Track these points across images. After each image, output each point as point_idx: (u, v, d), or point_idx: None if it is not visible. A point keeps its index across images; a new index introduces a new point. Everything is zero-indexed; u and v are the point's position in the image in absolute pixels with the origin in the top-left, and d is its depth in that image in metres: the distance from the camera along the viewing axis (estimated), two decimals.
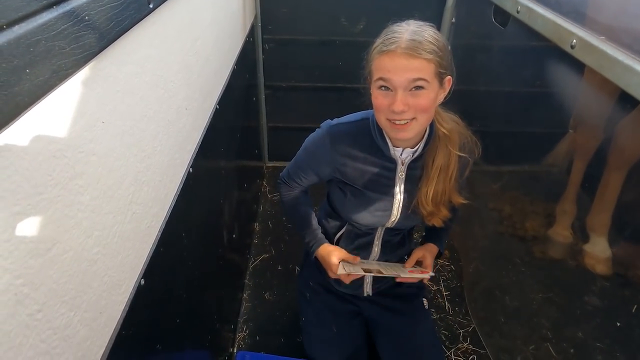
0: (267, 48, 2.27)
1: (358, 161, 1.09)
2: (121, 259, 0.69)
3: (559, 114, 1.30)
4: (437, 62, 0.91)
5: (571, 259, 1.36)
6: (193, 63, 1.10)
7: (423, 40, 0.90)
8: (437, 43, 0.92)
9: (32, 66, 0.44)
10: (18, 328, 0.45)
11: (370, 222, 1.17)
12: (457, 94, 2.09)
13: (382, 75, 0.93)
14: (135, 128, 0.74)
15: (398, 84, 0.91)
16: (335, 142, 1.08)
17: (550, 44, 1.16)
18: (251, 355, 1.23)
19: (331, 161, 1.10)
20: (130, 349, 0.71)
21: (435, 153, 1.06)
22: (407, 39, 0.90)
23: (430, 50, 0.90)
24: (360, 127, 1.09)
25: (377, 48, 0.95)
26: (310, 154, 1.15)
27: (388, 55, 0.91)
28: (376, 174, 1.09)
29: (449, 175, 1.08)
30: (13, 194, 0.45)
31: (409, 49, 0.89)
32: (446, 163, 1.07)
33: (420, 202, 1.10)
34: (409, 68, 0.89)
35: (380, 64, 0.93)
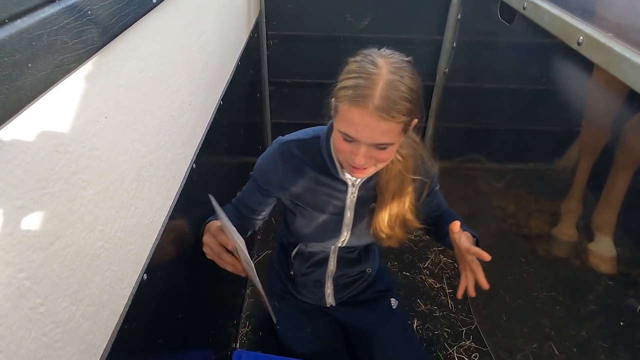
0: (271, 44, 2.27)
1: (309, 180, 1.06)
2: (124, 254, 0.69)
3: (565, 112, 1.29)
4: (406, 121, 0.86)
5: (575, 258, 1.35)
6: (197, 58, 1.10)
7: (397, 98, 0.82)
8: (412, 96, 0.85)
9: (34, 60, 0.44)
10: (20, 321, 0.46)
11: (320, 241, 1.17)
12: (463, 91, 2.09)
13: (347, 131, 0.87)
14: (138, 123, 0.74)
15: (363, 142, 0.87)
16: (285, 159, 1.05)
17: (556, 41, 1.15)
18: (247, 355, 1.23)
19: (281, 180, 1.07)
20: (133, 343, 0.72)
21: (389, 177, 1.04)
22: (380, 96, 0.82)
23: (404, 110, 0.83)
24: (311, 145, 1.05)
25: (347, 94, 0.85)
26: (261, 172, 1.11)
27: (357, 110, 0.83)
28: (326, 194, 1.08)
29: (403, 199, 1.07)
30: (15, 188, 0.45)
31: (382, 110, 0.81)
32: (400, 187, 1.05)
33: (378, 227, 1.09)
34: (378, 130, 0.84)
35: (348, 116, 0.85)
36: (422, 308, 1.76)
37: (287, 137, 1.08)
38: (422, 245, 2.08)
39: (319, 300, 1.32)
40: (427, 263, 1.98)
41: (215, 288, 1.30)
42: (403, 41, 2.25)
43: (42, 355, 0.49)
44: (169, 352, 0.88)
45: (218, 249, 0.97)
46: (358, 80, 0.84)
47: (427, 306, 1.77)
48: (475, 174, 1.97)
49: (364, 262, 1.29)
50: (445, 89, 2.28)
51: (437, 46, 2.22)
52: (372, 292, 1.36)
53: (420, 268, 1.95)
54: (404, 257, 2.00)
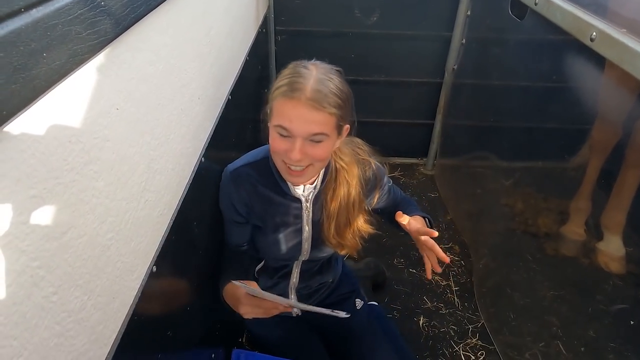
0: (279, 39, 2.26)
1: (264, 201, 1.09)
2: (134, 246, 0.70)
3: (575, 110, 1.28)
4: (338, 116, 0.91)
5: (584, 257, 1.34)
6: (206, 52, 1.10)
7: (328, 92, 0.89)
8: (341, 95, 0.91)
9: (49, 50, 0.44)
10: (34, 309, 0.46)
11: (284, 258, 1.19)
12: (471, 88, 2.08)
13: (282, 123, 0.91)
14: (149, 115, 0.75)
15: (297, 134, 0.90)
16: (238, 185, 1.07)
17: (569, 37, 1.13)
18: (246, 354, 1.24)
19: (243, 203, 1.09)
20: (142, 334, 0.72)
21: (334, 186, 1.07)
22: (312, 89, 0.88)
23: (334, 103, 0.89)
24: (261, 167, 1.08)
25: (281, 90, 0.91)
26: (226, 205, 1.12)
27: (291, 102, 0.88)
28: (283, 212, 1.10)
29: (350, 207, 1.10)
30: (29, 177, 0.45)
31: (313, 100, 0.87)
32: (346, 196, 1.08)
33: (325, 237, 1.13)
34: (311, 120, 0.89)
35: (282, 109, 0.90)
36: (429, 305, 1.76)
37: (235, 164, 1.10)
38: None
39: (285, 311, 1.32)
40: None
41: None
42: (411, 37, 2.24)
43: (54, 344, 0.50)
44: (176, 345, 0.89)
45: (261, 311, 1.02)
46: (291, 79, 0.90)
47: (434, 303, 1.76)
48: (483, 171, 1.96)
49: (326, 273, 1.31)
50: (454, 86, 2.27)
51: (446, 43, 2.20)
52: (336, 296, 1.37)
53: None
54: (410, 254, 2.00)
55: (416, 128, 2.54)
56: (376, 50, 2.28)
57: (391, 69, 2.34)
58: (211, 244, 1.15)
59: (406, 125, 2.53)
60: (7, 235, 0.42)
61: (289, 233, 1.13)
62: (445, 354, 1.58)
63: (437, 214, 2.26)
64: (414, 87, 2.38)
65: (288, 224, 1.12)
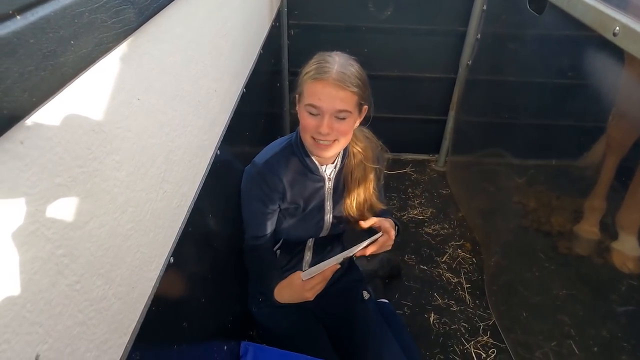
0: (292, 33, 2.25)
1: (295, 184, 1.19)
2: (152, 236, 0.70)
3: (592, 107, 1.26)
4: (359, 95, 1.06)
5: (598, 257, 1.32)
6: (222, 45, 1.10)
7: (350, 74, 1.04)
8: (361, 77, 1.07)
9: (77, 38, 0.44)
10: (58, 297, 0.46)
11: (305, 236, 1.31)
12: (486, 84, 2.06)
13: (312, 102, 1.04)
14: (168, 107, 0.75)
15: (326, 109, 1.04)
16: (273, 175, 1.17)
17: (589, 32, 1.11)
18: (254, 347, 1.25)
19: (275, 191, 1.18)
20: (160, 324, 0.73)
21: (352, 168, 1.22)
22: (337, 71, 1.03)
23: (355, 84, 1.04)
24: (286, 154, 1.19)
25: (310, 74, 1.05)
26: (256, 197, 1.20)
27: (320, 83, 1.03)
28: (311, 191, 1.22)
29: (367, 185, 1.25)
30: (56, 165, 0.45)
31: (338, 80, 1.02)
32: (363, 176, 1.23)
33: (347, 212, 1.26)
34: (337, 97, 1.03)
35: (312, 90, 1.04)
36: (439, 302, 1.75)
37: (263, 156, 1.19)
38: (439, 239, 2.07)
39: None
40: (445, 257, 1.96)
41: (236, 275, 1.31)
42: (426, 32, 2.22)
43: (77, 332, 0.50)
44: (191, 336, 0.89)
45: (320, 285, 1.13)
46: (318, 65, 1.06)
47: (444, 300, 1.76)
48: (496, 169, 1.94)
49: (336, 249, 1.42)
50: (468, 82, 2.25)
51: (461, 38, 2.18)
52: (345, 282, 1.44)
53: (438, 262, 1.93)
54: (421, 251, 1.99)
55: (428, 124, 2.53)
56: (389, 45, 2.27)
57: (404, 64, 2.32)
58: (225, 237, 1.15)
59: (418, 121, 2.52)
60: (33, 222, 0.42)
61: (314, 210, 1.24)
62: (455, 351, 1.57)
63: (449, 211, 2.24)
64: (427, 82, 2.36)
65: (314, 202, 1.23)
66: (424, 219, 2.18)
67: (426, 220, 2.18)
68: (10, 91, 0.35)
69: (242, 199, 1.24)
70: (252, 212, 1.22)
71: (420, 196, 2.35)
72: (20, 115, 0.38)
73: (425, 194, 2.36)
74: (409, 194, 2.34)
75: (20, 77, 0.36)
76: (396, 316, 1.51)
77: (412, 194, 2.35)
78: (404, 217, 2.19)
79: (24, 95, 0.37)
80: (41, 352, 0.44)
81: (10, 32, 0.35)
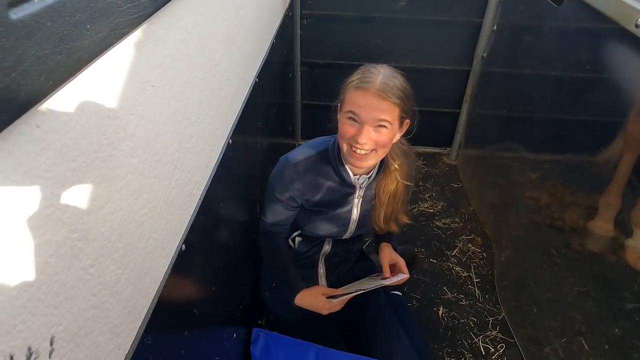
0: (305, 23, 2.24)
1: (322, 189, 1.20)
2: (165, 223, 0.70)
3: (610, 101, 1.23)
4: (401, 107, 1.05)
5: (612, 254, 1.30)
6: (236, 33, 1.09)
7: (393, 85, 1.03)
8: (404, 90, 1.06)
9: (92, 22, 0.44)
10: (73, 280, 0.47)
11: (328, 234, 1.31)
12: (501, 76, 2.03)
13: (352, 109, 1.04)
14: (181, 94, 0.75)
15: (365, 119, 1.03)
16: (300, 177, 1.18)
17: (610, 24, 1.08)
18: (265, 334, 1.26)
19: (301, 193, 1.20)
20: (171, 311, 0.73)
21: (386, 182, 1.22)
22: (380, 82, 1.03)
23: (398, 96, 1.03)
24: (321, 159, 1.19)
25: (353, 84, 1.06)
26: (280, 192, 1.21)
27: (362, 92, 1.03)
28: (338, 197, 1.22)
29: (397, 199, 1.26)
30: (71, 150, 0.45)
31: (381, 90, 1.02)
32: (395, 190, 1.23)
33: (374, 222, 1.28)
34: (378, 108, 1.02)
35: (353, 98, 1.04)
36: (449, 296, 1.74)
37: (297, 156, 1.20)
38: (450, 233, 2.06)
39: (312, 281, 1.40)
40: (455, 251, 1.95)
41: (246, 265, 1.32)
42: (441, 23, 2.19)
43: (91, 315, 0.50)
44: (202, 323, 0.90)
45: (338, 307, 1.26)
46: (362, 74, 1.06)
47: (454, 294, 1.75)
48: (509, 163, 1.92)
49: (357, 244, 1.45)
50: (482, 74, 2.21)
51: (476, 29, 2.14)
52: (357, 270, 1.47)
53: (448, 256, 1.92)
54: (431, 244, 1.98)
55: (441, 117, 2.50)
56: (403, 35, 2.24)
57: (418, 56, 2.29)
58: (236, 226, 1.16)
59: (431, 114, 2.49)
60: (49, 206, 0.43)
61: (339, 216, 1.25)
62: (464, 345, 1.57)
63: (460, 205, 2.23)
64: (440, 74, 2.33)
65: (340, 208, 1.24)
66: (435, 213, 2.17)
67: (437, 214, 2.16)
68: (27, 74, 0.35)
69: (268, 183, 1.25)
70: (274, 201, 1.23)
71: (431, 189, 2.33)
72: (36, 99, 0.38)
73: (437, 188, 2.35)
74: (420, 187, 2.33)
75: (37, 60, 0.36)
76: (407, 308, 1.51)
77: (423, 187, 2.34)
78: (414, 210, 2.17)
79: (41, 79, 0.37)
80: (56, 334, 0.44)
81: (27, 15, 0.35)
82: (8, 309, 0.38)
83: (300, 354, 1.19)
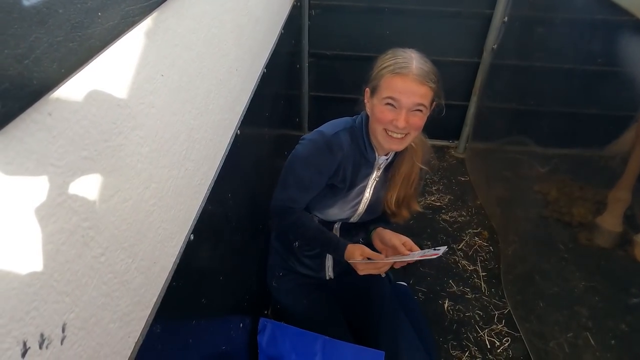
0: (313, 14, 2.22)
1: (350, 164, 1.19)
2: (174, 213, 0.71)
3: (622, 95, 1.21)
4: (435, 91, 1.07)
5: (619, 249, 1.29)
6: (244, 23, 1.08)
7: (428, 70, 1.06)
8: (436, 74, 1.08)
9: (104, 10, 0.43)
10: (84, 268, 0.47)
11: (338, 217, 1.30)
12: (511, 69, 2.00)
13: (392, 95, 1.04)
14: (190, 84, 0.74)
15: (405, 104, 1.04)
16: (337, 149, 1.16)
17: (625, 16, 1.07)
18: (272, 324, 1.27)
19: (332, 163, 1.17)
20: (179, 300, 0.74)
21: (401, 163, 1.22)
22: (416, 67, 1.04)
23: (434, 80, 1.06)
24: (354, 133, 1.19)
25: (389, 68, 1.05)
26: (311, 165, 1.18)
27: (401, 77, 1.03)
28: (358, 177, 1.22)
29: (410, 183, 1.25)
30: (82, 138, 0.45)
31: (420, 76, 1.03)
32: (409, 172, 1.23)
33: (387, 204, 1.27)
34: (417, 93, 1.04)
35: (391, 83, 1.05)
36: (454, 289, 1.74)
37: (331, 129, 1.18)
38: (456, 226, 2.05)
39: (319, 272, 1.39)
40: (462, 245, 1.94)
41: (253, 254, 1.32)
42: (451, 14, 2.16)
43: (102, 303, 0.51)
44: (209, 312, 0.91)
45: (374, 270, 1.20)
46: (396, 59, 1.06)
47: (460, 287, 1.75)
48: (517, 156, 1.90)
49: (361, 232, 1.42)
50: (492, 67, 2.19)
51: (487, 20, 2.11)
52: None
53: (454, 249, 1.92)
54: (437, 237, 1.98)
55: (449, 109, 2.45)
56: (412, 27, 2.21)
57: (427, 47, 2.21)
58: (244, 216, 1.16)
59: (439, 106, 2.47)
60: (61, 194, 0.43)
61: (354, 194, 1.24)
62: (469, 338, 1.57)
63: (467, 198, 2.22)
64: (449, 66, 2.31)
65: (357, 186, 1.23)
66: (442, 206, 2.16)
67: (444, 207, 2.16)
68: (39, 61, 0.35)
69: (293, 163, 1.19)
70: (302, 177, 1.19)
71: (438, 182, 2.32)
72: (49, 87, 0.38)
73: (444, 181, 2.33)
74: (427, 180, 2.31)
75: (50, 47, 0.36)
76: (413, 299, 1.51)
77: (430, 180, 2.32)
78: (421, 203, 2.16)
79: (53, 66, 0.37)
80: (68, 321, 0.45)
81: (40, 2, 0.34)
82: (21, 296, 0.38)
83: (307, 344, 1.20)
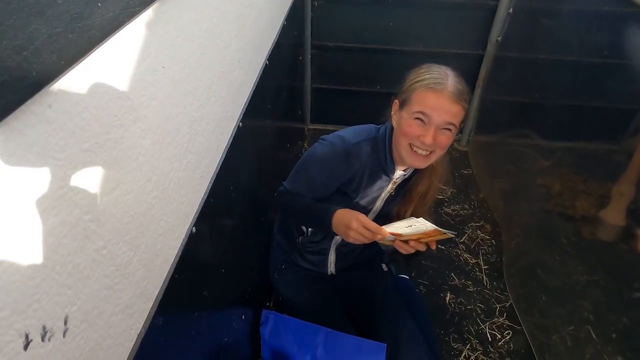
0: (315, 5, 2.20)
1: (364, 178, 1.16)
2: (176, 206, 0.70)
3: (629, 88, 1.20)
4: (466, 111, 1.04)
5: (622, 243, 1.29)
6: (247, 14, 1.07)
7: (463, 90, 1.02)
8: (469, 95, 1.05)
9: (104, 0, 0.43)
10: (86, 261, 0.47)
11: None
12: (515, 61, 1.98)
13: (423, 110, 1.01)
14: (192, 76, 0.74)
15: (435, 121, 1.01)
16: (354, 160, 1.13)
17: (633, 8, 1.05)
18: (275, 316, 1.27)
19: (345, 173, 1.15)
20: (181, 292, 0.74)
21: (419, 181, 1.20)
22: (452, 84, 1.01)
23: (467, 100, 1.03)
24: (376, 144, 1.15)
25: (423, 83, 1.02)
26: (323, 170, 1.15)
27: (435, 93, 1.00)
28: (372, 188, 1.19)
29: (426, 201, 1.24)
30: (83, 130, 0.45)
31: (454, 94, 1.00)
32: (426, 190, 1.21)
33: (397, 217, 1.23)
34: (449, 111, 1.00)
35: (425, 98, 1.01)
36: (456, 282, 1.74)
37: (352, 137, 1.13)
38: (459, 219, 2.05)
39: (321, 267, 1.39)
40: (464, 238, 1.94)
41: (255, 247, 1.32)
42: (455, 6, 2.14)
43: (103, 296, 0.51)
44: (211, 305, 0.91)
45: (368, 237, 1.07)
46: (431, 74, 1.03)
47: (461, 281, 1.75)
48: (521, 150, 1.89)
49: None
50: (496, 59, 2.17)
51: (491, 12, 2.09)
52: (367, 255, 1.45)
53: (457, 242, 1.92)
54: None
55: None
56: (416, 18, 2.19)
57: (430, 39, 2.25)
58: (246, 209, 1.16)
59: None
60: (62, 187, 0.43)
61: (363, 204, 1.22)
62: (470, 331, 1.57)
63: (470, 191, 2.21)
64: (453, 58, 2.29)
65: (367, 197, 1.21)
66: (444, 199, 2.16)
67: (446, 200, 2.15)
68: (39, 53, 0.35)
69: (308, 160, 1.17)
70: (314, 177, 1.17)
71: None
72: (48, 79, 0.37)
73: None
74: None
75: (49, 38, 0.35)
76: (415, 292, 1.52)
77: None
78: None
79: (53, 58, 0.36)
80: (70, 313, 0.45)
81: None
82: (23, 289, 0.38)
83: (309, 336, 1.20)
